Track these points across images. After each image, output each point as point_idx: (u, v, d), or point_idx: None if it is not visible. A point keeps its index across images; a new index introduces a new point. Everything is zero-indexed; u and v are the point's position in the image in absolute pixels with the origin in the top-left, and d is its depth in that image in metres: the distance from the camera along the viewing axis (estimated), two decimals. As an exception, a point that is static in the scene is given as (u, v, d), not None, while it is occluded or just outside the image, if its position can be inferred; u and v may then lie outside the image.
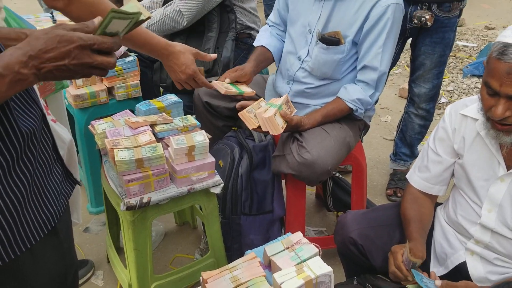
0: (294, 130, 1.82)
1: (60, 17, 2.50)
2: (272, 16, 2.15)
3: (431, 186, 1.52)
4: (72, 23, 0.89)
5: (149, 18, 0.92)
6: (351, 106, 1.86)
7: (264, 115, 1.68)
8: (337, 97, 1.89)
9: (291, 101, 1.91)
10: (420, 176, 1.53)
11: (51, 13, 2.64)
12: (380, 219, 1.57)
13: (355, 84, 1.89)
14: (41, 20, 2.48)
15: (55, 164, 1.01)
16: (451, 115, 1.46)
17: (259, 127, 1.70)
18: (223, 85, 1.79)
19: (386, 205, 1.74)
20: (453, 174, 1.50)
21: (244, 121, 1.73)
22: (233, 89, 1.79)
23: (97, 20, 0.85)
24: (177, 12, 2.25)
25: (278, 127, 1.69)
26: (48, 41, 0.79)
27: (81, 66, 0.82)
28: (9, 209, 0.85)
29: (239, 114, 1.75)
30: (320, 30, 1.85)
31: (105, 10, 1.30)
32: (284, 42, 2.10)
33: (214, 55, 1.68)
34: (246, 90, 1.85)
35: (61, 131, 1.66)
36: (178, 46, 1.59)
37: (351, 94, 1.86)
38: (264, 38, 2.10)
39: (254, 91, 1.88)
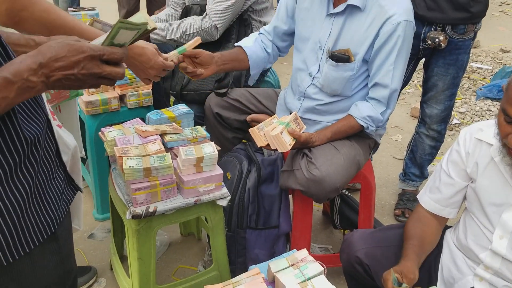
0: (304, 147, 1.81)
1: (77, 24, 2.53)
2: (268, 27, 2.12)
3: (441, 208, 1.49)
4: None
5: (154, 29, 0.93)
6: (361, 123, 1.85)
7: (271, 133, 1.68)
8: (348, 114, 1.88)
9: (302, 117, 1.91)
10: (431, 197, 1.51)
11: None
12: (387, 239, 1.55)
13: (367, 101, 1.88)
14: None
15: (57, 169, 1.01)
16: (465, 139, 1.44)
17: (268, 144, 1.71)
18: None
19: (394, 225, 1.72)
20: (465, 198, 1.48)
21: (253, 138, 1.73)
22: (174, 52, 1.72)
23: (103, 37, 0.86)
24: (213, 27, 2.29)
25: (285, 144, 1.69)
26: (59, 50, 0.80)
27: (90, 76, 0.83)
28: (9, 212, 0.86)
29: (250, 130, 1.75)
30: (330, 47, 1.85)
31: (62, 26, 1.29)
32: (267, 52, 2.08)
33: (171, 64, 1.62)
34: (187, 45, 1.76)
35: (66, 137, 1.66)
36: (139, 42, 1.54)
37: (362, 111, 1.85)
38: (246, 41, 2.08)
39: (199, 41, 1.76)
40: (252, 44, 2.05)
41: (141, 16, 0.93)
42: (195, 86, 2.32)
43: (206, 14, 2.31)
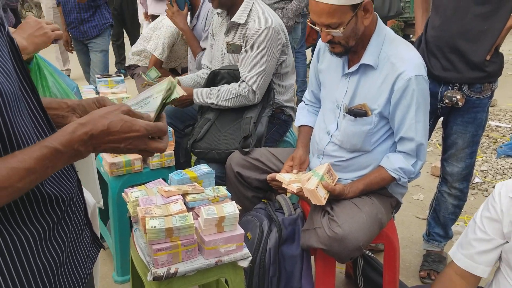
0: (336, 198, 1.85)
1: (104, 89, 2.65)
2: (308, 95, 2.25)
3: (476, 265, 1.41)
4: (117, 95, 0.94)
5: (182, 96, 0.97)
6: (393, 175, 1.86)
7: (307, 186, 1.74)
8: (379, 166, 1.90)
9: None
10: (464, 253, 1.43)
11: (95, 86, 2.80)
12: (415, 302, 1.49)
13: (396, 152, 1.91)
14: (85, 92, 2.63)
15: (85, 228, 1.03)
16: (500, 195, 1.38)
17: (301, 191, 1.81)
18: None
19: (421, 286, 1.66)
20: (499, 257, 1.41)
21: (286, 186, 1.88)
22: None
23: (152, 114, 0.90)
24: (251, 91, 2.40)
25: (320, 199, 1.75)
26: (112, 124, 0.83)
27: (134, 150, 0.86)
28: (46, 271, 0.87)
29: (278, 176, 1.93)
30: (347, 104, 1.90)
31: None
32: None
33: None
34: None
35: (86, 195, 1.69)
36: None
37: (394, 163, 1.86)
38: (304, 116, 2.21)
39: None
40: (310, 117, 2.21)
41: (169, 83, 0.98)
42: (218, 145, 2.37)
43: (243, 81, 2.41)
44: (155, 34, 3.25)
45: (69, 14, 4.16)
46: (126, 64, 3.70)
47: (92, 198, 1.77)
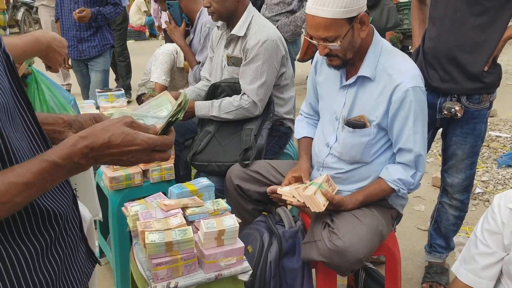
0: (336, 209, 1.84)
1: (104, 103, 2.66)
2: (305, 108, 2.25)
3: (479, 280, 1.39)
4: (127, 110, 0.95)
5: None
6: (393, 186, 1.86)
7: (305, 192, 1.73)
8: (379, 177, 1.90)
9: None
10: (467, 268, 1.42)
11: (95, 100, 2.81)
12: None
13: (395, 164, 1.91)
14: (85, 106, 2.64)
15: (80, 243, 1.03)
16: (499, 207, 1.37)
17: (303, 203, 1.78)
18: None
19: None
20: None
21: (285, 197, 1.85)
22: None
23: (159, 125, 0.89)
24: (252, 103, 2.41)
25: (319, 205, 1.74)
26: (113, 137, 0.82)
27: (137, 162, 0.87)
28: (42, 287, 0.86)
29: (279, 190, 1.89)
30: (345, 116, 1.91)
31: None
32: None
33: None
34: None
35: (83, 210, 1.68)
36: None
37: (393, 174, 1.86)
38: (303, 128, 2.21)
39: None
40: (309, 129, 2.21)
41: (165, 98, 0.98)
42: (218, 158, 2.37)
43: (244, 94, 2.42)
44: (154, 67, 3.34)
45: (68, 31, 4.03)
46: (134, 96, 3.76)
47: (88, 213, 1.77)
